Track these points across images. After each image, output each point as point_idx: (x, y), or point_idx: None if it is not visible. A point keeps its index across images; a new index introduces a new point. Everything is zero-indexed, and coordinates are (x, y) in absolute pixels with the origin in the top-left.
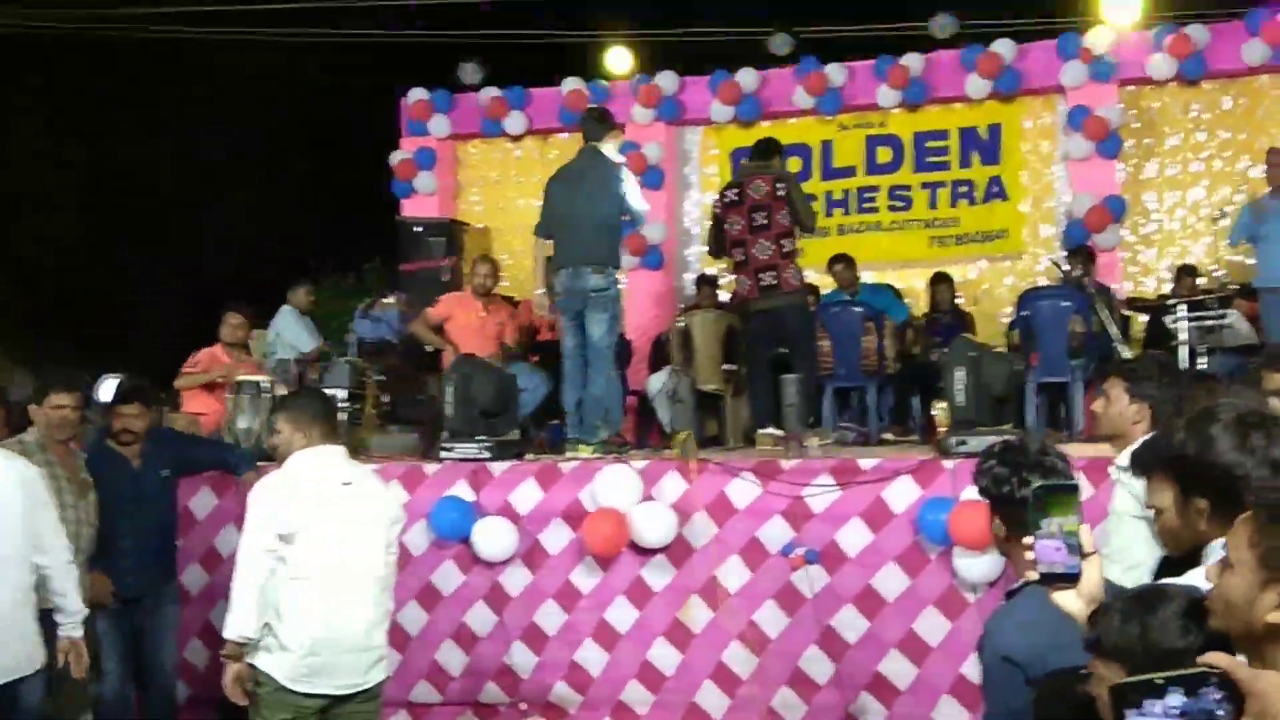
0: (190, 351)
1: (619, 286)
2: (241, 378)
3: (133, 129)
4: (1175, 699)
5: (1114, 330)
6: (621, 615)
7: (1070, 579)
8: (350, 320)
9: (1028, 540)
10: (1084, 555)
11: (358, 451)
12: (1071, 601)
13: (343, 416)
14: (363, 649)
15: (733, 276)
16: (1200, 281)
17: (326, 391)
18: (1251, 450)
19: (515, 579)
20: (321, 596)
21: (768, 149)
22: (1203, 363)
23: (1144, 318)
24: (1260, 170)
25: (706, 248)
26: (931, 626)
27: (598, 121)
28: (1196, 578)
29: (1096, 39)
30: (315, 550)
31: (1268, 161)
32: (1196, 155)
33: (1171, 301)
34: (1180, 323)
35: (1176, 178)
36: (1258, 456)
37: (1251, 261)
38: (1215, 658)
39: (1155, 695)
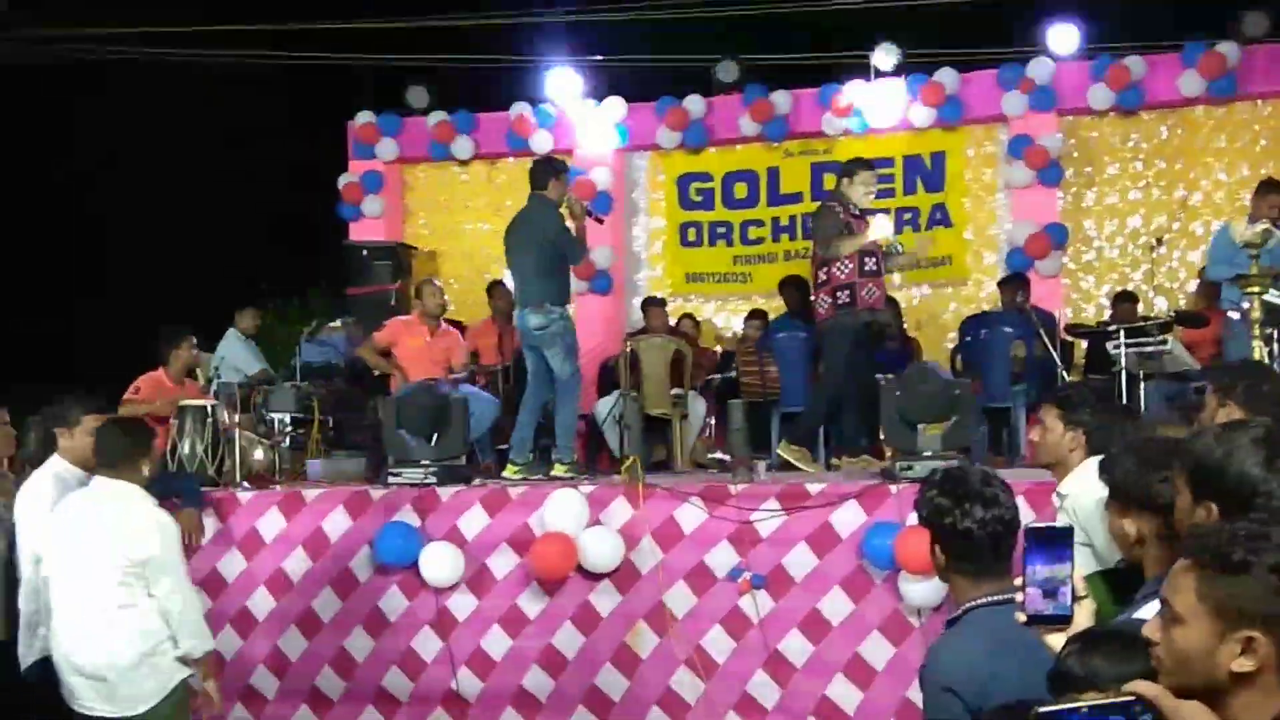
0: (132, 377)
1: (563, 321)
2: (185, 402)
3: (73, 149)
4: None
5: (1054, 356)
6: (568, 641)
7: (1063, 621)
8: (296, 344)
9: (1018, 581)
10: (1076, 599)
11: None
12: (1061, 643)
13: (288, 441)
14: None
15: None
16: (1138, 308)
17: (271, 415)
18: (1277, 469)
19: (462, 604)
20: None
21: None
22: (1142, 389)
23: (1085, 344)
24: (1196, 199)
25: (834, 247)
26: (877, 651)
27: (541, 170)
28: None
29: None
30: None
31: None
32: (1135, 184)
33: (1111, 328)
34: (1119, 349)
35: (1115, 206)
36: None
37: (1193, 287)
38: (1141, 686)
39: None
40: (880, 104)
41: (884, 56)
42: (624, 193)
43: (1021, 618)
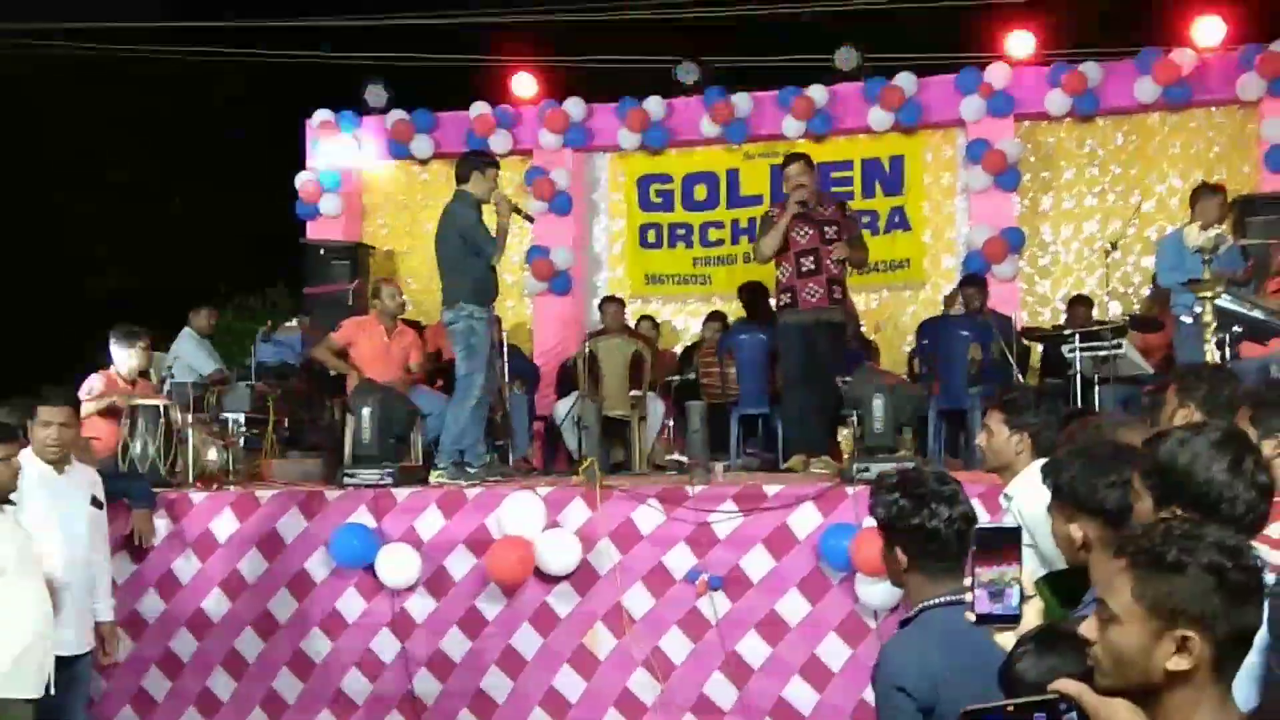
0: (83, 375)
1: (472, 321)
2: (138, 401)
3: (33, 146)
4: None
5: (1011, 359)
6: (526, 642)
7: (1011, 620)
8: (252, 344)
9: (966, 582)
10: (1024, 598)
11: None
12: (1011, 642)
13: (242, 441)
14: None
15: (790, 284)
16: (1093, 312)
17: (225, 415)
18: (1243, 472)
19: (419, 606)
20: None
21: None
22: (1096, 391)
23: (1040, 347)
24: (1151, 204)
25: (757, 249)
26: (833, 652)
27: (464, 164)
28: None
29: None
30: None
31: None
32: (1091, 189)
33: (1066, 332)
34: (1075, 352)
35: (1072, 211)
36: (1245, 480)
37: (1147, 292)
38: (1065, 685)
39: None
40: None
41: (843, 60)
42: (584, 193)
43: (971, 617)
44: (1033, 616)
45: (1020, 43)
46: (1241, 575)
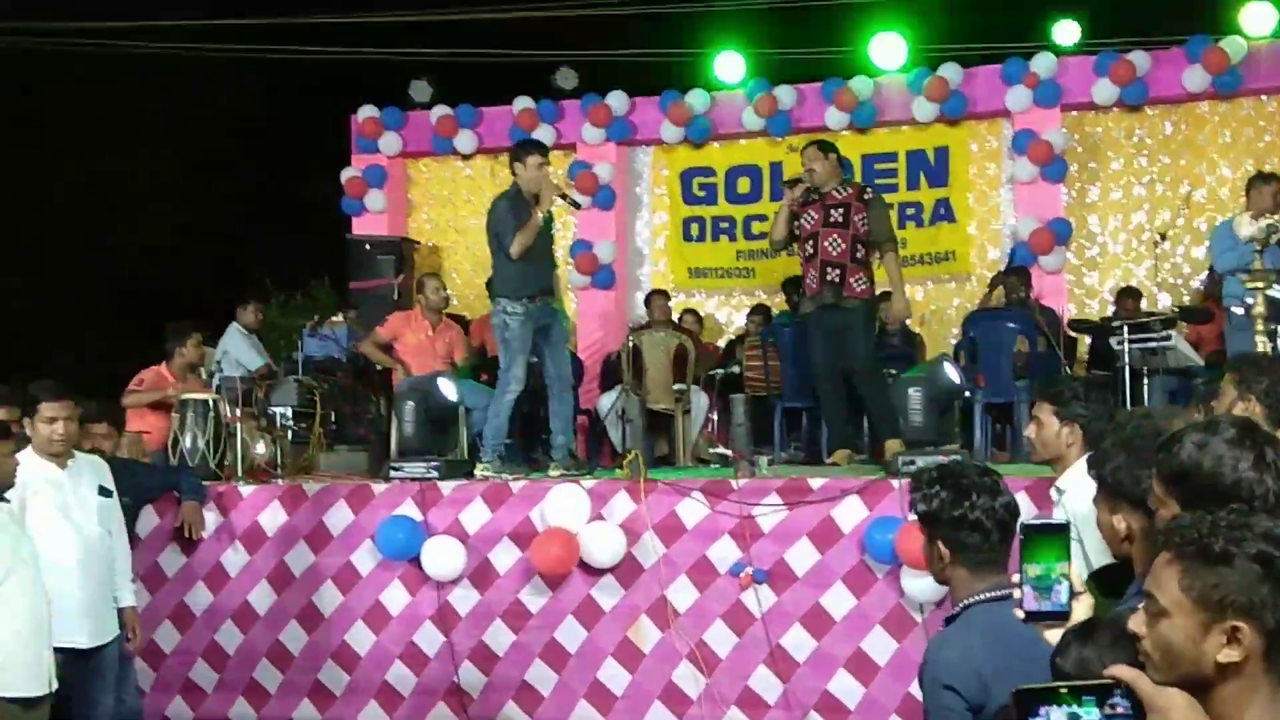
0: (134, 370)
1: (505, 315)
2: (187, 396)
3: (83, 142)
4: (1076, 708)
5: (1058, 350)
6: (571, 635)
7: (1060, 618)
8: (298, 338)
9: (1015, 578)
10: (1074, 594)
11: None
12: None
13: (290, 435)
14: None
15: (802, 272)
16: (1142, 304)
17: (273, 409)
18: (1268, 465)
19: (464, 599)
20: None
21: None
22: (1145, 384)
23: (1088, 339)
24: (1201, 194)
25: (771, 238)
26: (879, 646)
27: (511, 157)
28: None
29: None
30: None
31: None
32: (1139, 180)
33: (1115, 324)
34: (1123, 344)
35: (1119, 201)
36: (1273, 472)
37: (1197, 284)
38: (1120, 670)
39: (1055, 703)
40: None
41: (886, 52)
42: (626, 187)
43: (1020, 614)
44: (1082, 613)
45: (1066, 32)
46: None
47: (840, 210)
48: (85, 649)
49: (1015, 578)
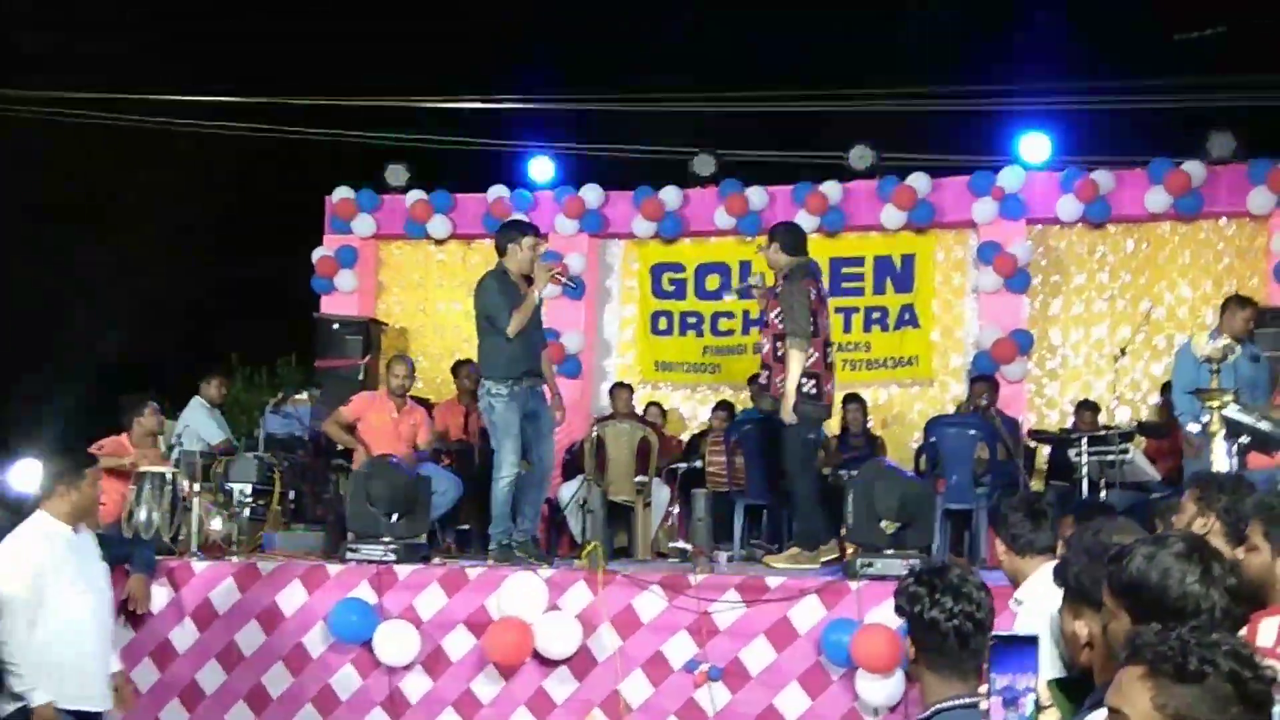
0: (93, 439)
1: (490, 397)
2: (144, 469)
3: (53, 213)
4: None
5: (1017, 460)
6: None
7: None
8: (261, 415)
9: (982, 689)
10: (1040, 708)
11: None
12: None
13: (247, 512)
14: None
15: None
16: (1100, 417)
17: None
18: (1214, 579)
19: (415, 685)
20: None
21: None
22: (1103, 496)
23: (1047, 450)
24: (1160, 312)
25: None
26: None
27: (499, 234)
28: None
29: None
30: None
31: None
32: (1100, 295)
33: (1074, 435)
34: (1081, 456)
35: (1081, 315)
36: (1219, 587)
37: (1156, 400)
38: None
39: None
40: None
41: (859, 158)
42: (597, 279)
43: (943, 705)
44: None
45: (1034, 147)
46: (1259, 684)
47: (765, 306)
48: (97, 712)
49: (983, 689)
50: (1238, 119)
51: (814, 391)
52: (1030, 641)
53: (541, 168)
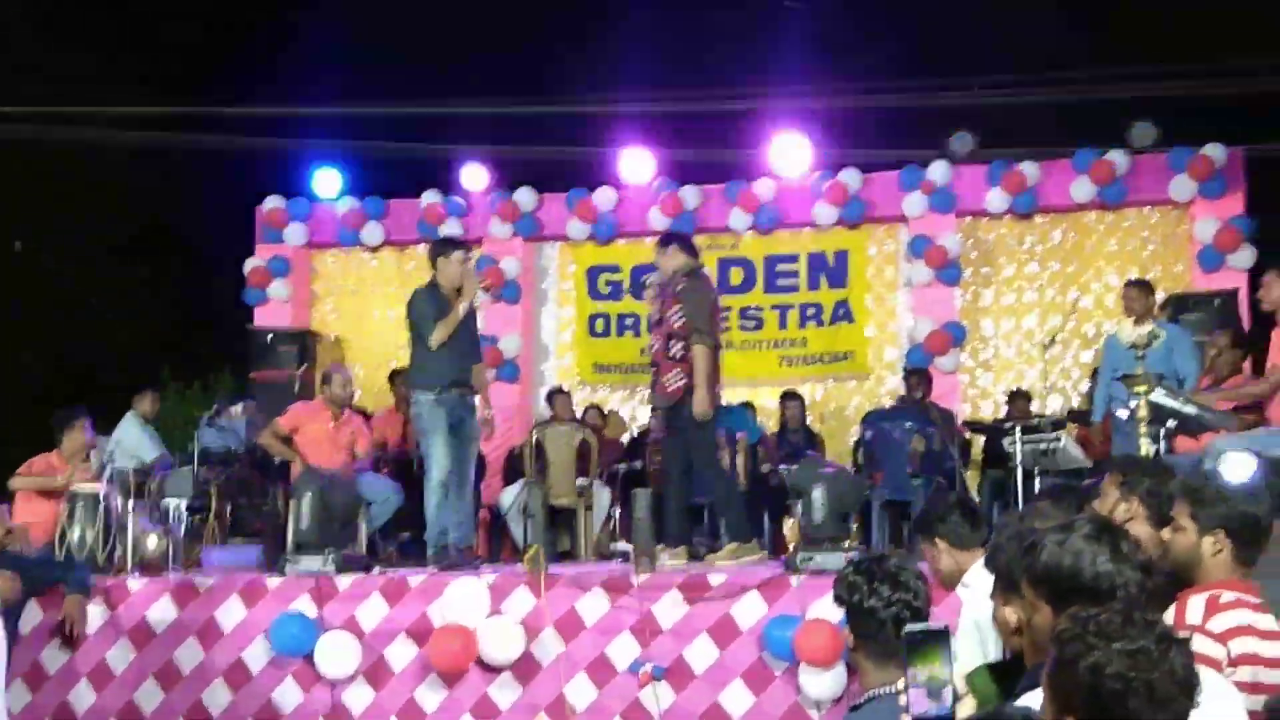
0: (23, 458)
1: (418, 405)
2: (76, 488)
3: None
4: None
5: (952, 450)
6: None
7: None
8: (195, 429)
9: (899, 685)
10: (957, 697)
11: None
12: None
13: (183, 528)
14: None
15: None
16: (1032, 406)
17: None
18: (1125, 556)
19: (358, 697)
20: None
21: (662, 240)
22: (1036, 483)
23: (982, 439)
24: (1088, 301)
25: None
26: None
27: (430, 250)
28: (1035, 699)
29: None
30: None
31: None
32: (1030, 285)
33: (1007, 424)
34: (1015, 445)
35: (1011, 306)
36: (1130, 563)
37: (1084, 386)
38: None
39: None
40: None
41: (790, 155)
42: (533, 282)
43: (879, 691)
44: (963, 716)
45: (961, 141)
46: (1121, 683)
47: (660, 307)
48: None
49: (900, 684)
50: (1159, 108)
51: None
52: (942, 633)
53: (474, 173)
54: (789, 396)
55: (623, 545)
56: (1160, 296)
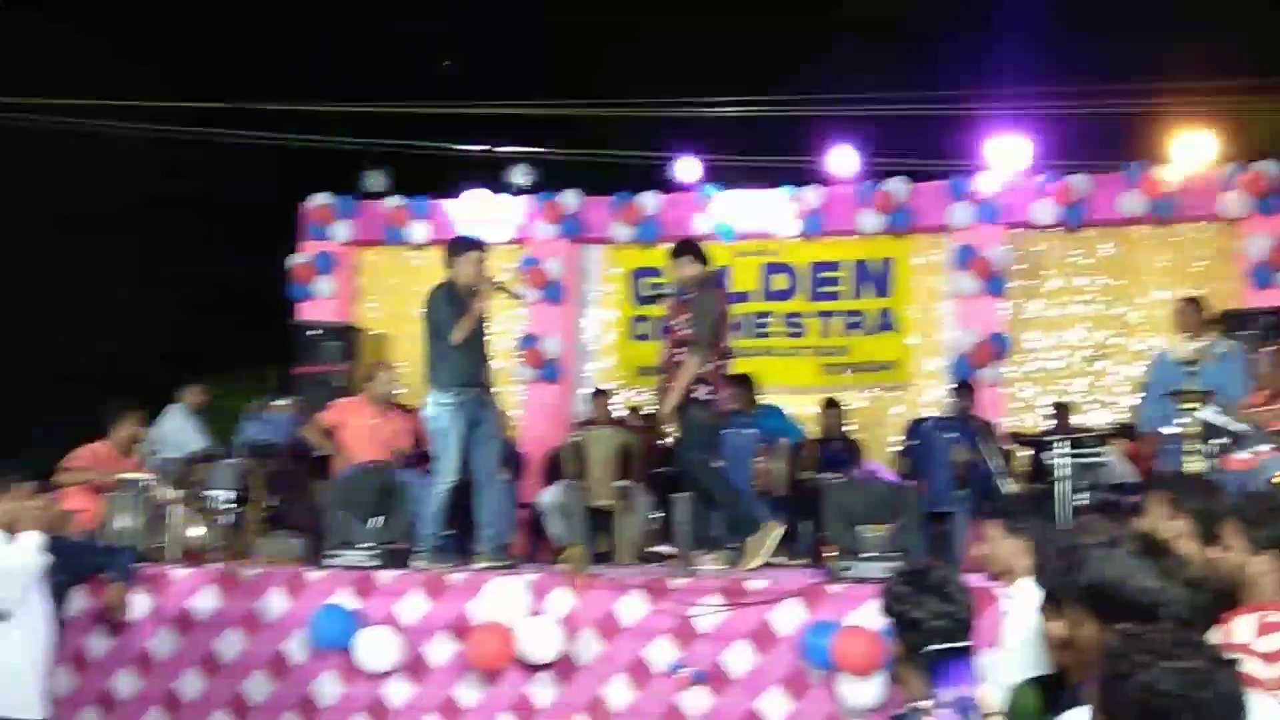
0: (70, 449)
1: (435, 406)
2: (122, 476)
3: (27, 219)
4: None
5: (995, 463)
6: None
7: None
8: (240, 422)
9: (926, 704)
10: (985, 716)
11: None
12: None
13: (226, 519)
14: None
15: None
16: (1076, 419)
17: (210, 492)
18: (1170, 576)
19: (397, 691)
20: None
21: (676, 250)
22: (1080, 498)
23: (1025, 452)
24: (1137, 316)
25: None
26: None
27: (446, 249)
28: (1078, 716)
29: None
30: None
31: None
32: (1077, 298)
33: (1052, 438)
34: (1060, 459)
35: (1057, 319)
36: (1176, 581)
37: (1131, 402)
38: None
39: None
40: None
41: (838, 162)
42: (576, 284)
43: (924, 704)
44: None
45: (1012, 152)
46: (1174, 702)
47: (672, 314)
48: None
49: (928, 703)
50: (1209, 122)
51: (707, 397)
52: (965, 652)
53: (522, 173)
54: (829, 404)
55: (663, 548)
56: (1211, 313)
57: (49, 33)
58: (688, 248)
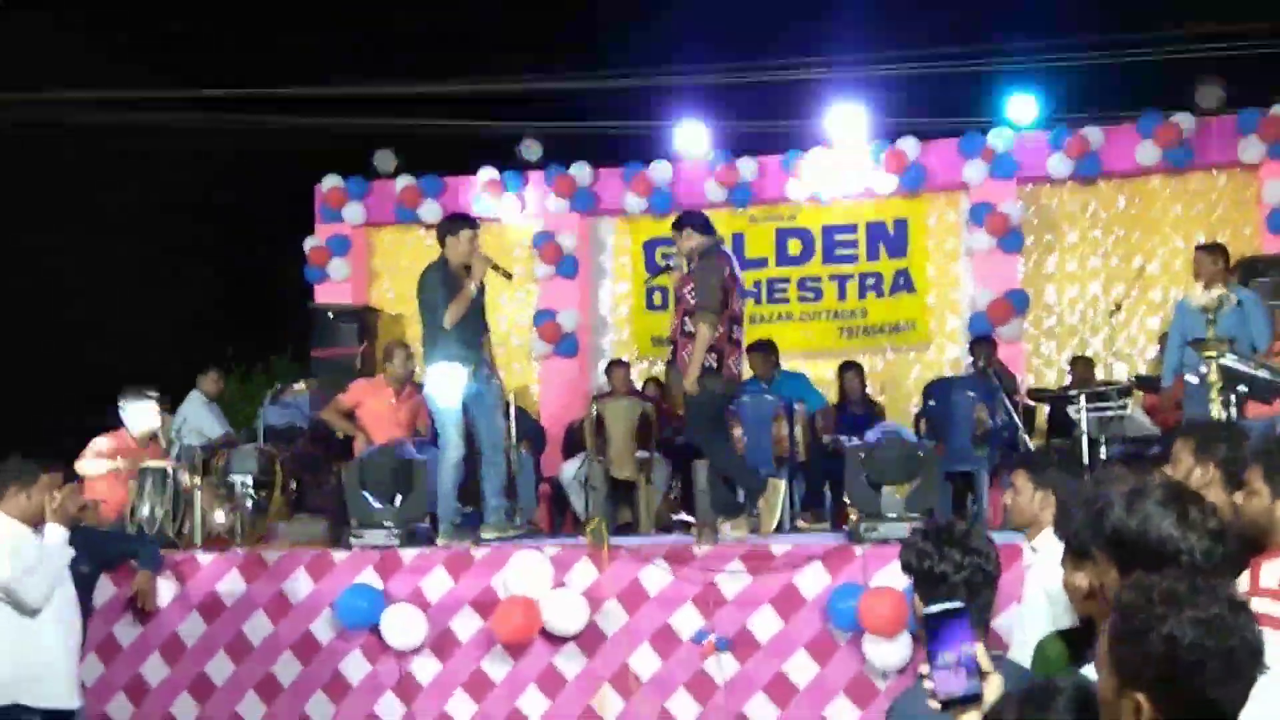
0: (87, 439)
1: (431, 387)
2: (146, 464)
3: (41, 207)
4: None
5: (1017, 419)
6: (533, 704)
7: (973, 701)
8: (259, 406)
9: (924, 669)
10: (983, 675)
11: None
12: None
13: (249, 504)
14: None
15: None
16: (1096, 372)
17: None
18: (1191, 524)
19: (425, 668)
20: None
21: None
22: (1102, 452)
23: (1046, 408)
24: (1154, 266)
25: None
26: (841, 714)
27: (438, 228)
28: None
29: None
30: None
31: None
32: (1094, 251)
33: (1073, 392)
34: (1081, 413)
35: (1075, 273)
36: (1198, 530)
37: (1151, 353)
38: None
39: None
40: (842, 171)
41: (847, 123)
42: (590, 257)
43: (934, 704)
44: (993, 693)
45: (1022, 107)
46: (1199, 653)
47: (679, 285)
48: (70, 709)
49: (924, 669)
50: (1226, 69)
51: (714, 365)
52: (961, 612)
53: (531, 148)
54: (848, 366)
55: (684, 517)
56: (1230, 260)
57: (53, 27)
58: (690, 218)
